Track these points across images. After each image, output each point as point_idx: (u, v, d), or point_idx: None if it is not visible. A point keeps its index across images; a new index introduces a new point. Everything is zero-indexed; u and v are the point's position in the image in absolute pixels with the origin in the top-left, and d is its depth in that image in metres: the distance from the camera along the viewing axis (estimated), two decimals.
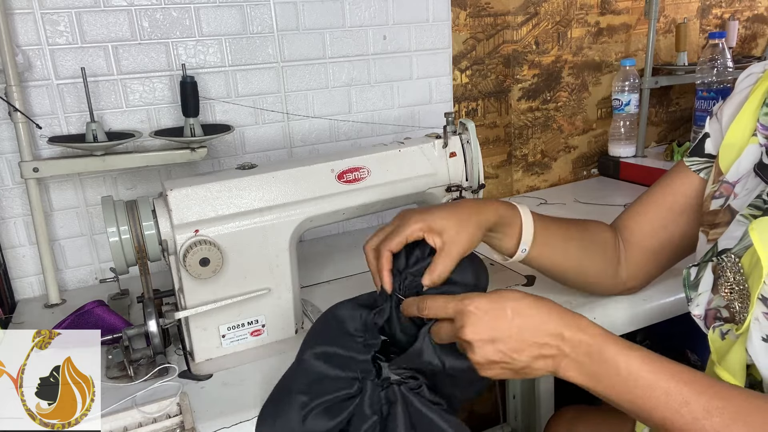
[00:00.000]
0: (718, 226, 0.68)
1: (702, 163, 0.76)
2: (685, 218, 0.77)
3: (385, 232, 0.71)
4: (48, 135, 1.02)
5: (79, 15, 1.01)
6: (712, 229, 0.69)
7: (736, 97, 0.73)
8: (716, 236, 0.66)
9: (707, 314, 0.65)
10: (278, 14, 1.15)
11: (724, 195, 0.69)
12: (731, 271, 0.61)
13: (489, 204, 0.75)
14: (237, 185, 0.81)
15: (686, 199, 0.77)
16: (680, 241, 0.79)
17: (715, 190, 0.70)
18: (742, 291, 0.60)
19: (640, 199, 0.82)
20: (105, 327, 0.86)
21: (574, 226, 0.83)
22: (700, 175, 0.76)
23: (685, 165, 0.77)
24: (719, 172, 0.71)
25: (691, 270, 0.67)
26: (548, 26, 1.47)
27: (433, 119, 1.33)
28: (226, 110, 1.15)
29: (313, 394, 0.63)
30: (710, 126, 0.76)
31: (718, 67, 1.39)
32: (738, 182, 0.68)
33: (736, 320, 0.61)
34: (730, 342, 0.61)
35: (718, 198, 0.69)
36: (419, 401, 0.63)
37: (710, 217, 0.70)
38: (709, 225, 0.69)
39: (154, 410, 0.71)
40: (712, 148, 0.75)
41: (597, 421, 0.98)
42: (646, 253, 0.81)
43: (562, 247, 0.80)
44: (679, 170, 0.78)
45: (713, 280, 0.64)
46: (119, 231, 0.76)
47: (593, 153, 1.63)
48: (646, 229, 0.80)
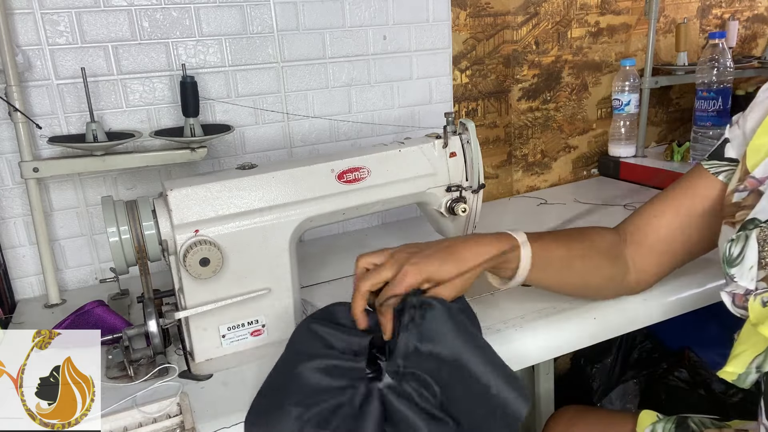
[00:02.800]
0: (744, 209, 0.68)
1: (721, 166, 0.76)
2: (704, 221, 0.77)
3: (381, 276, 0.70)
4: (48, 135, 1.02)
5: (79, 15, 1.01)
6: (738, 212, 0.69)
7: (761, 105, 0.74)
8: (744, 216, 0.66)
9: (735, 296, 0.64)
10: (278, 14, 1.15)
11: (748, 189, 0.69)
12: None
13: (485, 247, 0.73)
14: (237, 185, 0.81)
15: (705, 201, 0.77)
16: (695, 245, 0.79)
17: (739, 185, 0.71)
18: None
19: (656, 202, 0.81)
20: (105, 327, 0.86)
21: (578, 242, 0.81)
22: (719, 178, 0.76)
23: (703, 168, 0.78)
24: (746, 171, 0.71)
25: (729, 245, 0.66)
26: (548, 26, 1.47)
27: (433, 119, 1.33)
28: (226, 110, 1.15)
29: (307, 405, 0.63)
30: (730, 133, 0.77)
31: (718, 67, 1.38)
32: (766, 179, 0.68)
33: None
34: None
35: (741, 191, 0.70)
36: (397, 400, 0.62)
37: (732, 208, 0.70)
38: (732, 214, 0.70)
39: (154, 410, 0.71)
40: (733, 153, 0.76)
41: (596, 421, 0.98)
42: (660, 256, 0.81)
43: (566, 267, 0.80)
44: (698, 173, 0.78)
45: (758, 250, 0.63)
46: (119, 231, 0.76)
47: (593, 153, 1.63)
48: (662, 232, 0.80)
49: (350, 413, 0.62)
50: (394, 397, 0.62)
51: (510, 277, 0.77)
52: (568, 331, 0.85)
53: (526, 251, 0.75)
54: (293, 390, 0.65)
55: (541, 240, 0.78)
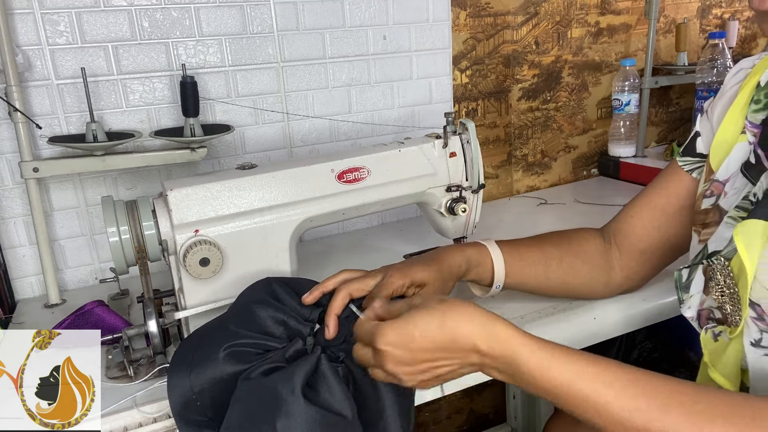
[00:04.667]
0: (709, 226, 0.67)
1: (694, 162, 0.75)
2: (679, 219, 0.77)
3: (366, 283, 0.72)
4: (48, 135, 1.02)
5: (79, 15, 1.01)
6: (703, 229, 0.68)
7: (726, 94, 0.72)
8: (707, 236, 0.66)
9: (700, 315, 0.65)
10: (278, 14, 1.15)
11: (714, 194, 0.68)
12: (721, 274, 0.61)
13: (458, 251, 0.78)
14: (237, 185, 0.81)
15: (679, 199, 0.76)
16: (675, 242, 0.79)
17: (707, 189, 0.70)
18: (732, 294, 0.60)
19: (633, 202, 0.82)
20: (105, 327, 0.86)
21: (553, 245, 0.83)
22: (693, 175, 0.75)
23: (678, 165, 0.77)
24: (710, 171, 0.70)
25: (682, 272, 0.67)
26: (548, 26, 1.47)
27: (433, 119, 1.33)
28: (226, 110, 1.15)
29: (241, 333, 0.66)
30: (701, 124, 0.76)
31: (718, 67, 1.39)
32: (728, 181, 0.67)
33: (728, 322, 0.61)
34: (724, 343, 0.61)
35: (709, 197, 0.69)
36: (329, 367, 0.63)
37: (701, 216, 0.69)
38: (701, 225, 0.69)
39: (154, 410, 0.71)
40: (703, 147, 0.75)
41: None
42: (640, 255, 0.81)
43: (542, 270, 0.82)
44: (672, 170, 0.78)
45: (704, 281, 0.64)
46: (119, 231, 0.77)
47: (593, 153, 1.63)
48: (639, 232, 0.80)
49: (276, 361, 0.65)
50: (328, 366, 0.63)
51: (489, 284, 0.80)
52: (568, 331, 0.85)
53: (495, 253, 0.79)
54: (238, 318, 0.69)
55: (512, 244, 0.82)
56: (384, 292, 0.69)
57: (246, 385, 0.62)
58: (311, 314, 0.72)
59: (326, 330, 0.69)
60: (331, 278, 0.74)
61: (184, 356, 0.69)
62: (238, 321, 0.69)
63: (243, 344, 0.66)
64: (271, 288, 0.73)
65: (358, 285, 0.71)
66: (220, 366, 0.64)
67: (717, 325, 0.62)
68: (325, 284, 0.73)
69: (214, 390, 0.65)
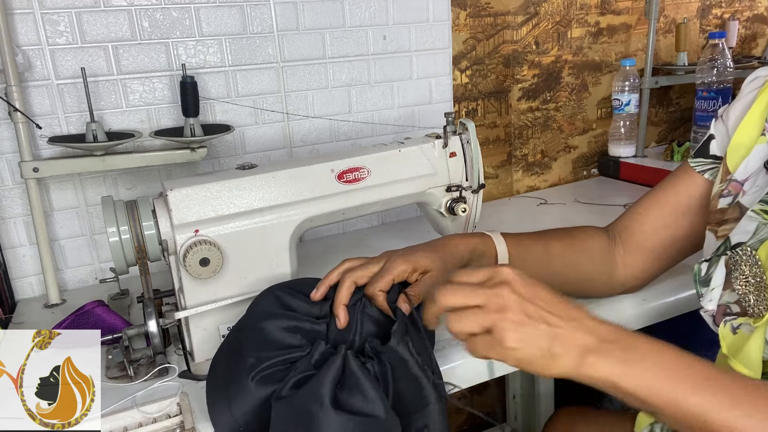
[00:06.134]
0: (727, 223, 0.68)
1: (707, 164, 0.76)
2: (689, 219, 0.77)
3: (369, 270, 0.72)
4: (48, 135, 1.02)
5: (79, 15, 1.01)
6: (720, 227, 0.69)
7: (743, 100, 0.73)
8: (726, 232, 0.67)
9: (717, 310, 0.65)
10: (278, 14, 1.15)
11: (732, 193, 0.69)
12: (746, 264, 0.62)
13: (463, 240, 0.78)
14: (237, 185, 0.81)
15: (690, 199, 0.77)
16: (682, 242, 0.79)
17: (723, 188, 0.71)
18: (759, 283, 0.60)
19: (642, 200, 0.82)
20: (105, 327, 0.86)
21: (557, 240, 0.83)
22: (705, 176, 0.76)
23: (689, 166, 0.78)
24: (727, 172, 0.71)
25: (701, 265, 0.67)
26: (548, 26, 1.47)
27: (433, 119, 1.33)
28: (226, 110, 1.15)
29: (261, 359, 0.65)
30: (715, 128, 0.77)
31: (718, 67, 1.39)
32: (747, 180, 0.68)
33: (749, 314, 0.61)
34: (744, 336, 0.61)
35: (726, 197, 0.70)
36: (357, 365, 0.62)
37: (718, 215, 0.70)
38: (717, 223, 0.70)
39: (154, 410, 0.71)
40: (717, 150, 0.75)
41: (596, 421, 0.98)
42: (647, 253, 0.81)
43: (545, 263, 0.81)
44: (684, 171, 0.79)
45: (725, 274, 0.64)
46: (119, 231, 0.77)
47: (593, 153, 1.63)
48: (647, 230, 0.80)
49: (304, 370, 0.64)
50: (356, 364, 0.62)
51: None
52: None
53: (500, 244, 0.79)
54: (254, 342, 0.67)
55: (517, 237, 0.81)
56: (388, 276, 0.69)
57: (278, 406, 0.61)
58: (321, 311, 0.71)
59: (336, 321, 0.69)
60: (334, 269, 0.74)
61: (218, 390, 0.68)
62: (254, 346, 0.67)
63: (267, 367, 0.64)
64: (274, 296, 0.72)
65: (361, 272, 0.72)
66: (254, 394, 0.63)
67: (736, 317, 0.62)
68: (329, 277, 0.73)
69: (259, 418, 0.64)
